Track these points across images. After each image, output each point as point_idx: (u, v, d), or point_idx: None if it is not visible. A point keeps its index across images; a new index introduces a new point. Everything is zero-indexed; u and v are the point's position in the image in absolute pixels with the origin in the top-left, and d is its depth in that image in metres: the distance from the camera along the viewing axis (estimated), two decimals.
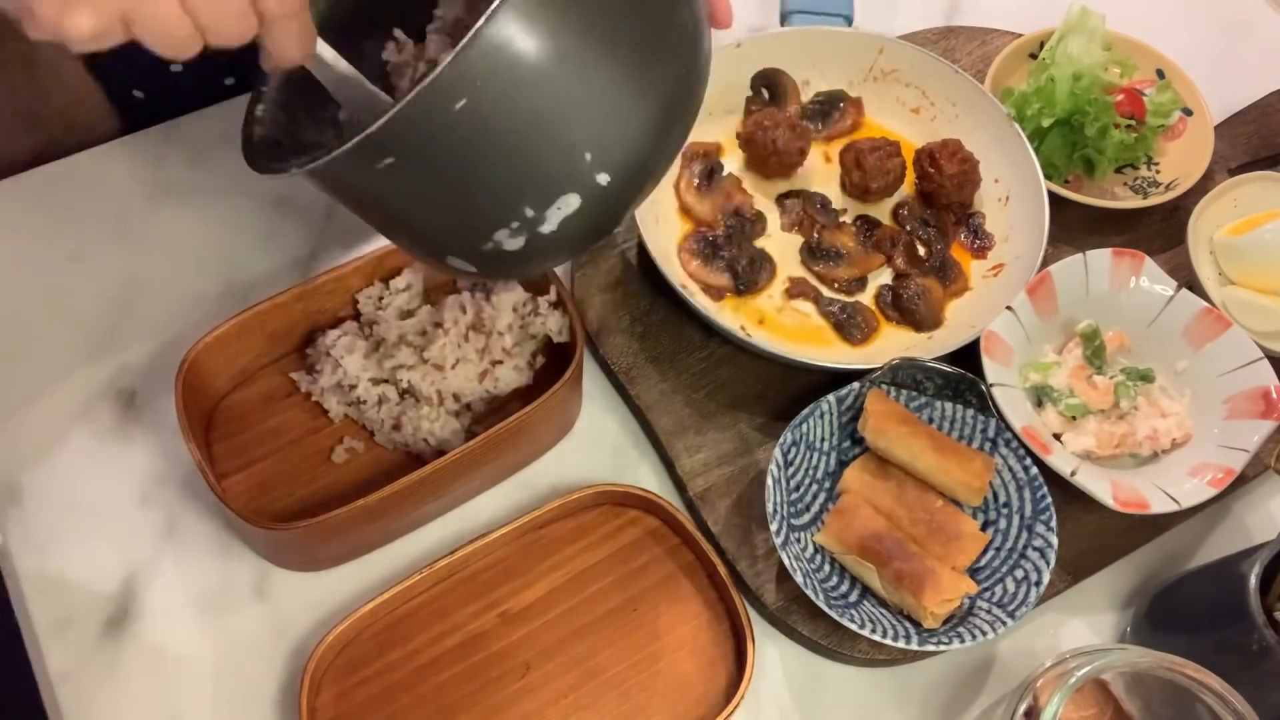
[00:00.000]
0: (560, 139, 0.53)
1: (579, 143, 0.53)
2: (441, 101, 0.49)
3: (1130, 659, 0.61)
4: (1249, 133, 0.99)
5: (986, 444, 0.76)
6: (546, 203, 0.54)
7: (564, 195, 0.54)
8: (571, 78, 0.52)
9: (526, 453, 0.79)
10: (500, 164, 0.53)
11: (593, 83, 0.53)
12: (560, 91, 0.52)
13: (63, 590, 0.73)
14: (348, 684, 0.70)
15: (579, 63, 0.52)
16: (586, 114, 0.53)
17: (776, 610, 0.73)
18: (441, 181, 0.54)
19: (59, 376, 0.80)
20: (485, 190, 0.54)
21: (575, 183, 0.54)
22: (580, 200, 0.54)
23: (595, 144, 0.54)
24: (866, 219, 0.89)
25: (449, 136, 0.50)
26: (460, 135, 0.51)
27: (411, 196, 0.56)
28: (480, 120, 0.50)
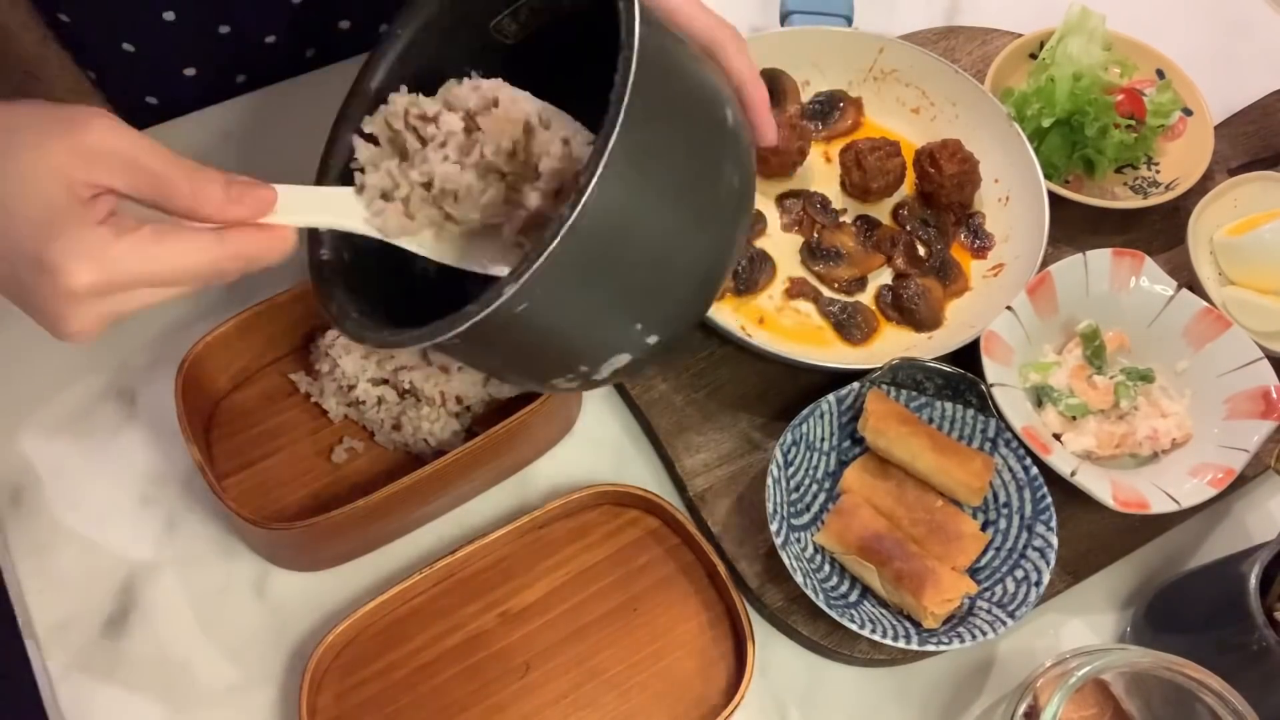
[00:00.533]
0: (614, 323, 0.57)
1: (631, 321, 0.56)
2: (505, 310, 0.51)
3: (1130, 659, 0.61)
4: (1249, 133, 0.99)
5: (986, 444, 0.76)
6: (599, 363, 0.58)
7: (616, 356, 0.57)
8: (625, 274, 0.55)
9: (526, 453, 0.79)
10: (556, 347, 0.57)
11: (645, 273, 0.55)
12: (615, 287, 0.55)
13: (63, 590, 0.73)
14: (348, 684, 0.70)
15: (634, 260, 0.54)
16: (639, 299, 0.56)
17: (776, 610, 0.73)
18: (501, 357, 0.59)
19: (59, 377, 0.80)
20: (543, 362, 0.58)
21: (627, 347, 0.57)
22: (630, 357, 0.58)
23: (646, 318, 0.57)
24: (866, 219, 0.89)
25: (509, 331, 0.53)
26: (519, 329, 0.53)
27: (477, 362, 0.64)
28: (538, 318, 0.53)
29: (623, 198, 0.51)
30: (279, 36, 0.92)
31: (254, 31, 0.91)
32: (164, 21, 0.85)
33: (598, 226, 0.51)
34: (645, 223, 0.53)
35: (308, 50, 0.96)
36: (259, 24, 0.90)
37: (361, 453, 0.77)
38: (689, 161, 0.56)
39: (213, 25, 0.88)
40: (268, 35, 0.91)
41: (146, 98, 0.92)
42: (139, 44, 0.87)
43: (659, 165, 0.53)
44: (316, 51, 0.96)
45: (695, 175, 0.56)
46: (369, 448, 0.78)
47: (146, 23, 0.85)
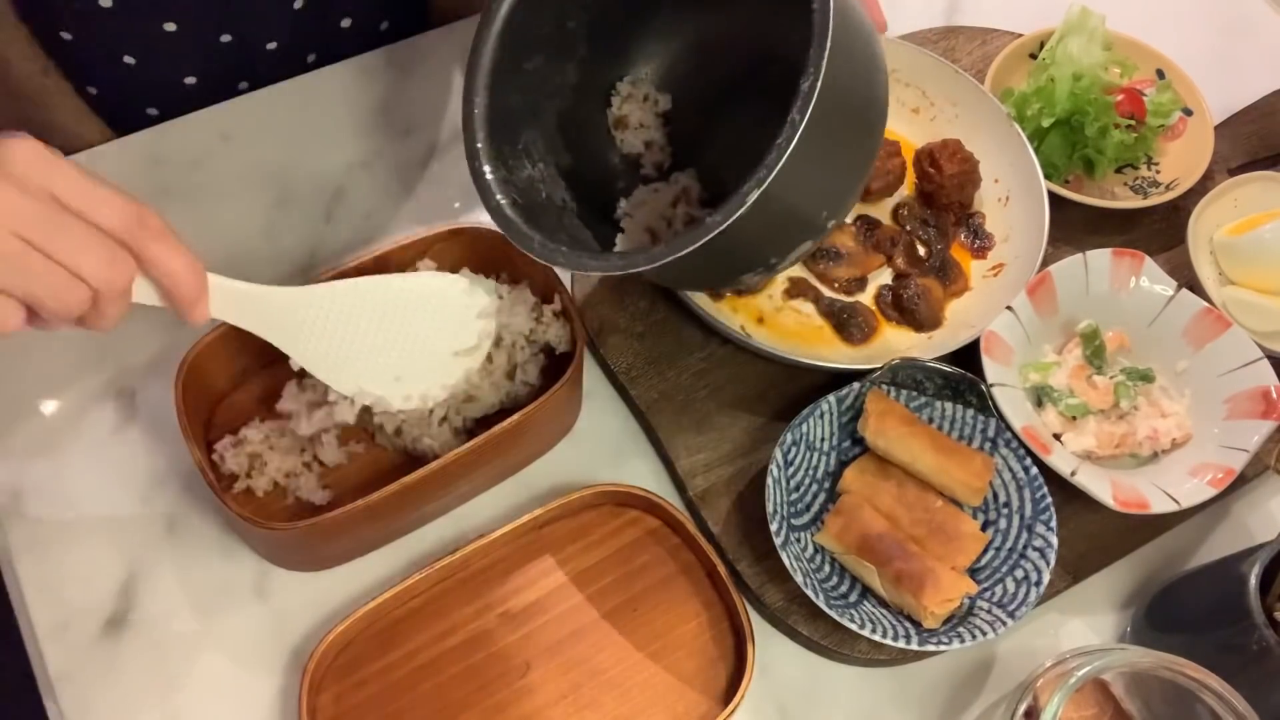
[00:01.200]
0: (812, 217, 0.68)
1: (822, 212, 0.68)
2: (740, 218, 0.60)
3: (1130, 659, 0.61)
4: (1249, 133, 0.99)
5: (986, 444, 0.76)
6: (789, 251, 0.69)
7: (803, 244, 0.69)
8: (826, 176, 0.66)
9: (526, 453, 0.79)
10: (764, 240, 0.67)
11: (838, 173, 0.67)
12: (817, 190, 0.66)
13: (63, 590, 0.73)
14: (348, 684, 0.70)
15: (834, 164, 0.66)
16: (830, 196, 0.68)
17: (776, 610, 0.73)
18: (711, 265, 0.68)
19: (59, 376, 0.80)
20: (747, 257, 0.68)
21: (814, 233, 0.69)
22: (813, 241, 0.69)
23: (832, 208, 0.68)
24: (866, 219, 0.89)
25: (732, 238, 0.61)
26: (738, 236, 0.61)
27: (682, 274, 0.72)
28: (758, 222, 0.61)
29: (835, 94, 0.60)
30: (280, 42, 0.92)
31: (256, 38, 0.90)
32: (165, 33, 0.85)
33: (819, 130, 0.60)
34: (849, 114, 0.65)
35: (309, 55, 0.96)
36: (261, 30, 0.90)
37: (361, 453, 0.77)
38: (870, 66, 0.67)
39: (214, 35, 0.88)
40: (269, 41, 0.91)
41: (148, 109, 0.92)
42: (140, 56, 0.87)
43: (856, 68, 0.64)
44: (318, 56, 0.96)
45: (870, 77, 0.67)
46: (369, 448, 0.78)
47: (148, 35, 0.85)
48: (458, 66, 0.98)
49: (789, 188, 0.61)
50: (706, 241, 0.60)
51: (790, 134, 0.59)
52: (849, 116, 0.65)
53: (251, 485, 0.74)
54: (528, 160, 0.76)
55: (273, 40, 0.91)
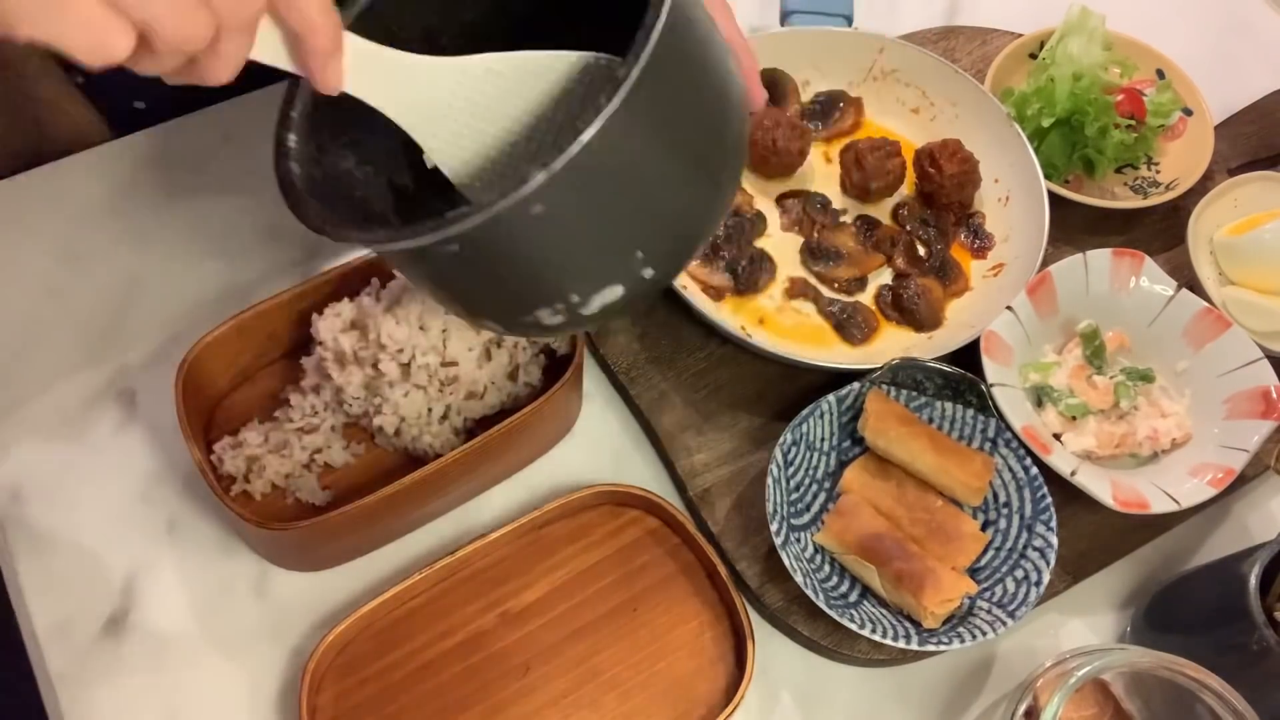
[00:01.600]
0: (618, 246, 0.56)
1: (633, 247, 0.56)
2: (521, 209, 0.50)
3: (1130, 659, 0.61)
4: (1249, 133, 0.99)
5: (986, 444, 0.76)
6: (592, 293, 0.56)
7: (609, 287, 0.56)
8: (641, 193, 0.54)
9: (526, 453, 0.79)
10: (557, 263, 0.55)
11: (658, 195, 0.55)
12: (629, 205, 0.54)
13: (63, 590, 0.73)
14: (348, 684, 0.70)
15: (651, 179, 0.54)
16: (647, 223, 0.56)
17: (776, 610, 0.73)
18: (493, 273, 0.56)
19: (59, 376, 0.80)
20: (538, 282, 0.56)
21: (622, 277, 0.56)
22: (624, 290, 0.57)
23: (647, 246, 0.56)
24: (866, 219, 0.89)
25: (517, 237, 0.52)
26: (528, 236, 0.52)
27: (460, 281, 0.58)
28: (550, 225, 0.52)
29: (654, 111, 0.52)
30: None
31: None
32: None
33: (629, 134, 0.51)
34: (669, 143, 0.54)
35: None
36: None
37: (362, 453, 0.77)
38: (707, 100, 0.56)
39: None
40: None
41: (135, 102, 0.92)
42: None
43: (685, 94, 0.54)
44: None
45: (711, 115, 0.56)
46: (369, 448, 0.78)
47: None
48: None
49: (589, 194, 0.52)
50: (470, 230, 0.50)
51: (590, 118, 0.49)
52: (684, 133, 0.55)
53: (250, 487, 0.74)
54: (351, 155, 0.66)
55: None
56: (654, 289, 0.58)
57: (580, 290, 0.56)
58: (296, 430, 0.75)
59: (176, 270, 0.85)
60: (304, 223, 0.58)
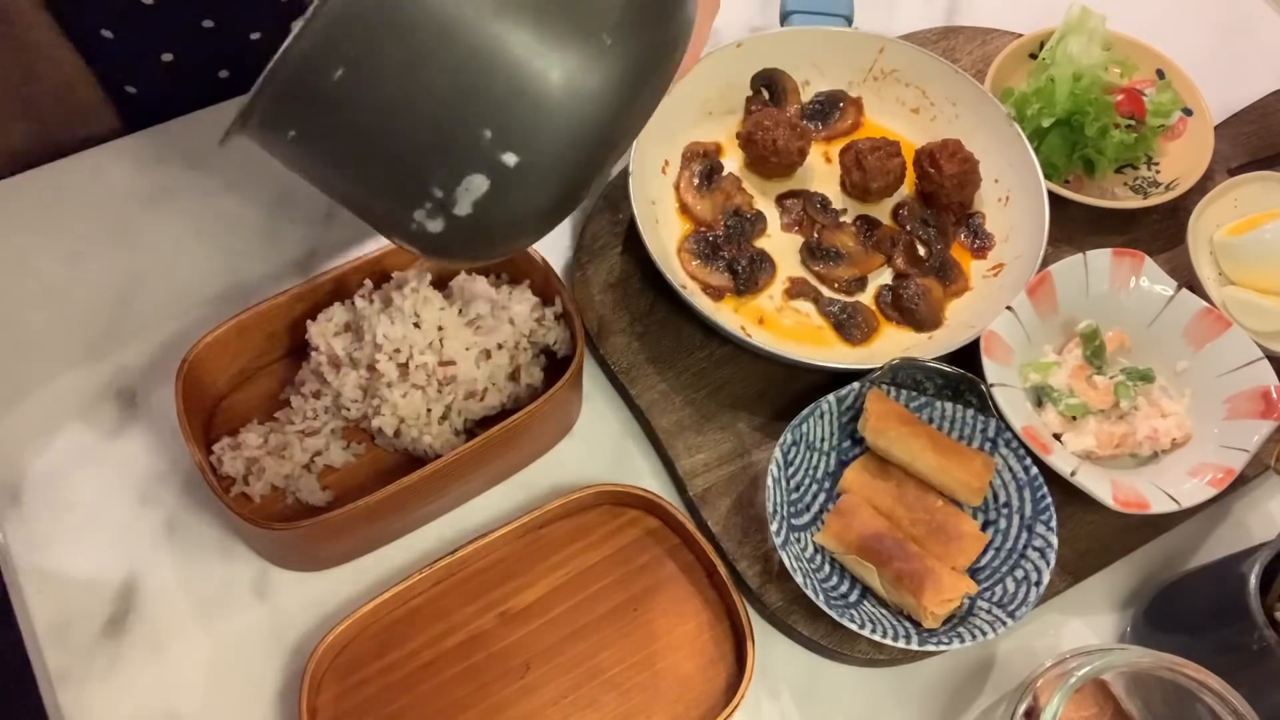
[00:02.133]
0: (452, 115, 0.48)
1: (473, 119, 0.49)
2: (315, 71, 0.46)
3: (1130, 659, 0.61)
4: (1249, 133, 0.99)
5: (986, 444, 0.76)
6: (452, 184, 0.50)
7: (468, 176, 0.50)
8: (457, 47, 0.47)
9: (526, 453, 0.79)
10: (392, 140, 0.50)
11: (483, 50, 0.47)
12: (445, 63, 0.47)
13: (63, 590, 0.73)
14: (348, 684, 0.70)
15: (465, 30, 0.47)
16: (476, 87, 0.48)
17: (776, 610, 0.73)
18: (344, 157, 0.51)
19: (59, 376, 0.80)
20: (388, 167, 0.51)
21: (477, 163, 0.49)
22: (489, 182, 0.50)
23: (494, 121, 0.48)
24: (866, 219, 0.89)
25: (336, 109, 0.48)
26: (348, 108, 0.48)
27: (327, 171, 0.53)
28: (362, 93, 0.47)
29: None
30: (264, 34, 0.92)
31: (239, 27, 0.90)
32: (144, 7, 0.85)
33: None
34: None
35: None
36: (244, 19, 0.90)
37: (362, 453, 0.77)
38: None
39: (196, 18, 0.88)
40: (253, 32, 0.91)
41: (126, 86, 0.92)
42: (118, 30, 0.87)
43: None
44: None
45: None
46: (369, 449, 0.78)
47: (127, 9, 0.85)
48: None
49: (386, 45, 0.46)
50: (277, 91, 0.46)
51: None
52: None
53: (250, 488, 0.74)
54: None
55: (256, 31, 0.91)
56: (535, 184, 0.51)
57: (438, 181, 0.50)
58: (297, 433, 0.75)
59: (176, 271, 0.85)
60: None
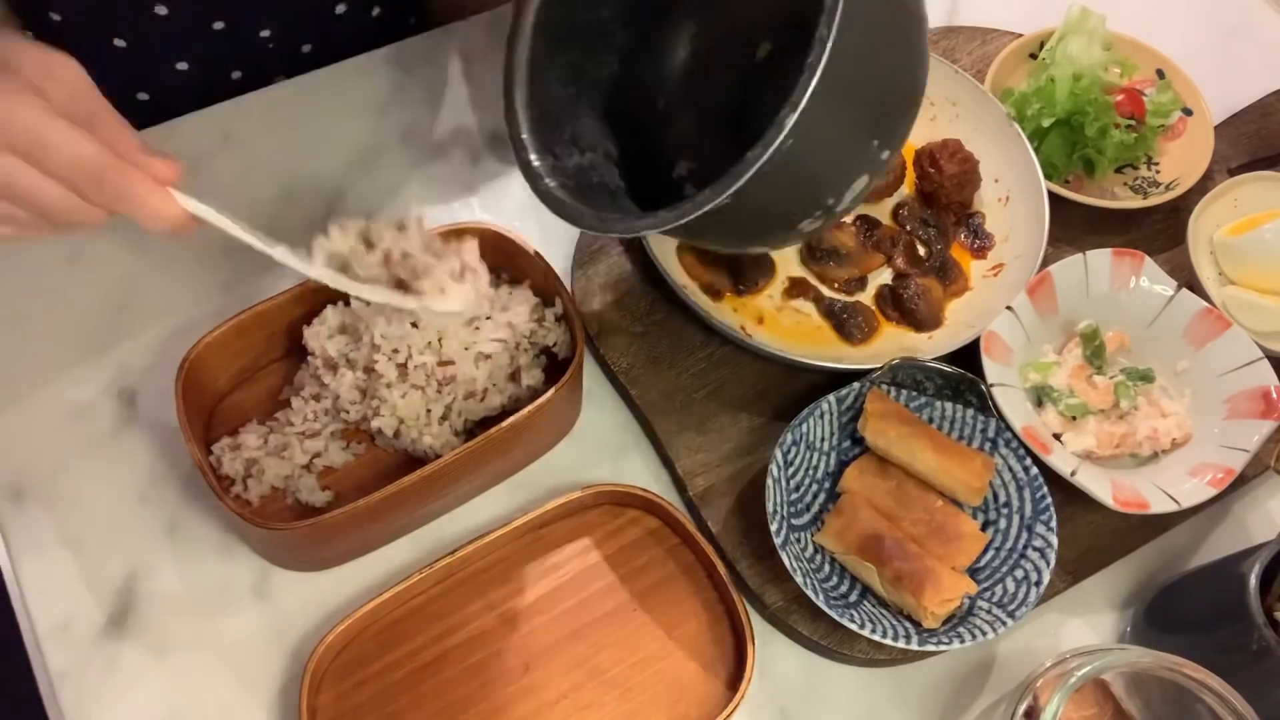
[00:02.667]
0: (861, 141, 0.63)
1: (871, 136, 0.63)
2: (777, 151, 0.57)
3: (1130, 659, 0.61)
4: (1249, 133, 0.99)
5: (986, 444, 0.76)
6: (844, 189, 0.64)
7: (858, 179, 0.64)
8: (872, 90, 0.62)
9: (526, 453, 0.79)
10: (812, 177, 0.63)
11: (884, 86, 0.63)
12: (864, 104, 0.62)
13: (63, 590, 0.73)
14: (348, 684, 0.70)
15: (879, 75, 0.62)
16: (879, 112, 0.63)
17: (776, 610, 0.73)
18: (762, 207, 0.63)
19: (59, 376, 0.80)
20: (798, 200, 0.64)
21: (866, 166, 0.64)
22: (869, 177, 0.65)
23: (882, 133, 0.64)
24: (866, 219, 0.89)
25: (777, 172, 0.58)
26: (785, 168, 0.59)
27: (734, 224, 0.65)
28: (800, 153, 0.58)
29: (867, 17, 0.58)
30: (274, 30, 0.92)
31: (249, 26, 0.90)
32: (156, 16, 0.85)
33: (850, 46, 0.57)
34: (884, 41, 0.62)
35: (304, 45, 0.96)
36: (253, 17, 0.90)
37: (362, 453, 0.77)
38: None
39: (206, 20, 0.88)
40: (262, 29, 0.91)
41: (138, 94, 0.92)
42: (130, 40, 0.87)
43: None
44: (313, 46, 0.96)
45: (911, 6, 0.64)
46: (369, 448, 0.78)
47: (138, 18, 0.85)
48: (458, 67, 0.98)
49: (829, 111, 0.58)
50: (754, 176, 0.57)
51: (819, 53, 0.56)
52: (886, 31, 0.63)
53: (249, 488, 0.74)
54: (575, 149, 0.75)
55: (265, 28, 0.91)
56: (890, 163, 0.66)
57: (835, 193, 0.64)
58: (297, 435, 0.75)
59: (176, 270, 0.85)
60: (590, 229, 0.67)
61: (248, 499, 0.74)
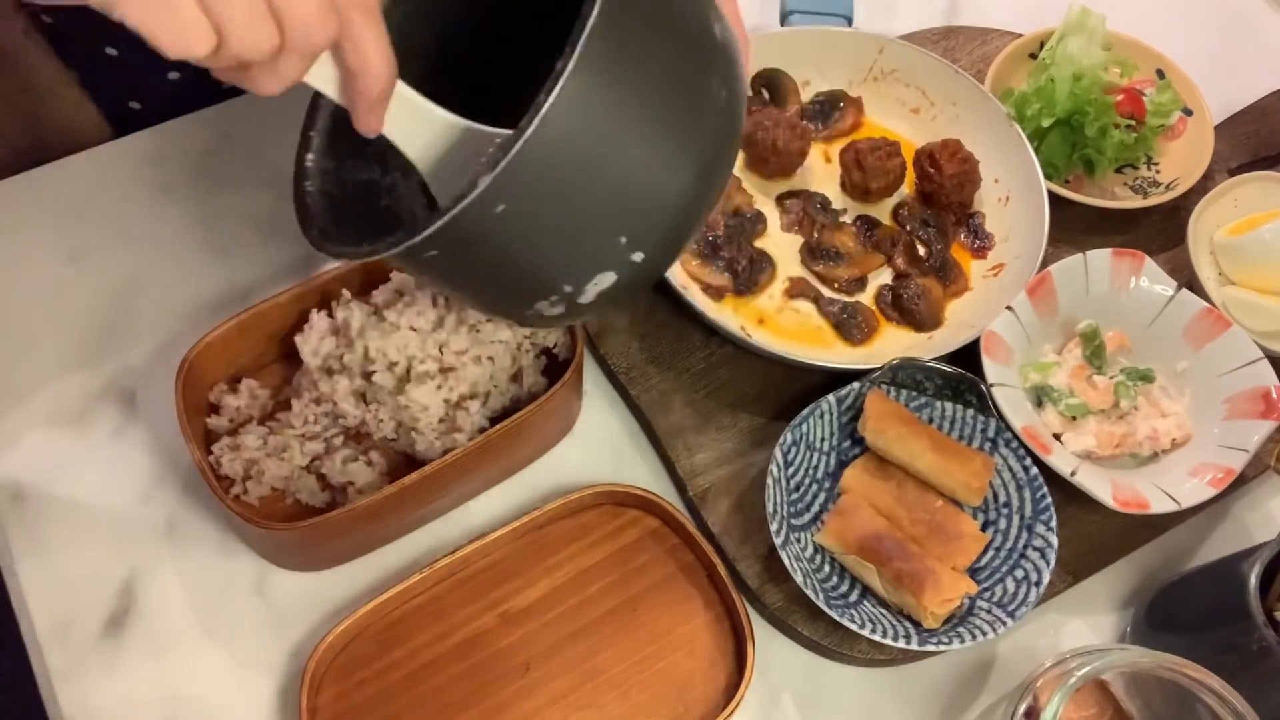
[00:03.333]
0: (596, 230, 0.55)
1: (614, 231, 0.55)
2: (481, 210, 0.50)
3: (1130, 659, 0.61)
4: (1249, 133, 0.99)
5: (986, 444, 0.76)
6: (584, 281, 0.56)
7: (600, 274, 0.56)
8: (606, 175, 0.53)
9: (526, 453, 0.79)
10: (538, 256, 0.55)
11: (627, 176, 0.54)
12: (596, 189, 0.53)
13: (63, 590, 0.73)
14: (348, 684, 0.70)
15: (613, 162, 0.53)
16: (621, 205, 0.54)
17: (776, 610, 0.73)
18: (481, 271, 0.56)
19: (59, 376, 0.80)
20: (524, 276, 0.56)
21: (611, 263, 0.56)
22: (616, 276, 0.56)
23: (630, 229, 0.55)
24: (866, 219, 0.89)
25: (488, 236, 0.53)
26: (499, 234, 0.53)
27: (456, 280, 0.59)
28: (518, 221, 0.52)
29: (603, 94, 0.51)
30: None
31: None
32: None
33: (576, 122, 0.50)
34: (626, 124, 0.53)
35: None
36: None
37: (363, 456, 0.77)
38: (671, 68, 0.54)
39: None
40: None
41: (130, 102, 0.92)
42: (122, 48, 0.87)
43: (638, 69, 0.53)
44: None
45: (678, 84, 0.54)
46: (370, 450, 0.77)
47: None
48: None
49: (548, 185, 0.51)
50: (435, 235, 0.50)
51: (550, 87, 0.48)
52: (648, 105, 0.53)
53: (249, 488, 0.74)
54: (377, 164, 0.67)
55: None
56: (652, 272, 0.57)
57: (571, 280, 0.56)
58: (298, 437, 0.75)
59: (176, 270, 0.85)
60: (306, 238, 0.60)
61: (248, 495, 0.74)
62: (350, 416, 0.74)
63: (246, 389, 0.76)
